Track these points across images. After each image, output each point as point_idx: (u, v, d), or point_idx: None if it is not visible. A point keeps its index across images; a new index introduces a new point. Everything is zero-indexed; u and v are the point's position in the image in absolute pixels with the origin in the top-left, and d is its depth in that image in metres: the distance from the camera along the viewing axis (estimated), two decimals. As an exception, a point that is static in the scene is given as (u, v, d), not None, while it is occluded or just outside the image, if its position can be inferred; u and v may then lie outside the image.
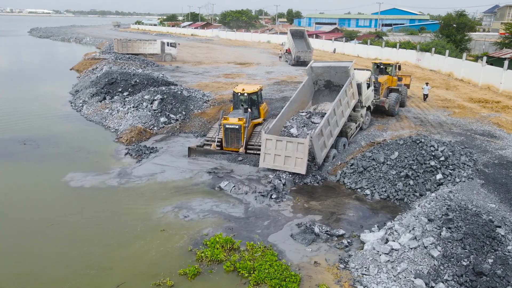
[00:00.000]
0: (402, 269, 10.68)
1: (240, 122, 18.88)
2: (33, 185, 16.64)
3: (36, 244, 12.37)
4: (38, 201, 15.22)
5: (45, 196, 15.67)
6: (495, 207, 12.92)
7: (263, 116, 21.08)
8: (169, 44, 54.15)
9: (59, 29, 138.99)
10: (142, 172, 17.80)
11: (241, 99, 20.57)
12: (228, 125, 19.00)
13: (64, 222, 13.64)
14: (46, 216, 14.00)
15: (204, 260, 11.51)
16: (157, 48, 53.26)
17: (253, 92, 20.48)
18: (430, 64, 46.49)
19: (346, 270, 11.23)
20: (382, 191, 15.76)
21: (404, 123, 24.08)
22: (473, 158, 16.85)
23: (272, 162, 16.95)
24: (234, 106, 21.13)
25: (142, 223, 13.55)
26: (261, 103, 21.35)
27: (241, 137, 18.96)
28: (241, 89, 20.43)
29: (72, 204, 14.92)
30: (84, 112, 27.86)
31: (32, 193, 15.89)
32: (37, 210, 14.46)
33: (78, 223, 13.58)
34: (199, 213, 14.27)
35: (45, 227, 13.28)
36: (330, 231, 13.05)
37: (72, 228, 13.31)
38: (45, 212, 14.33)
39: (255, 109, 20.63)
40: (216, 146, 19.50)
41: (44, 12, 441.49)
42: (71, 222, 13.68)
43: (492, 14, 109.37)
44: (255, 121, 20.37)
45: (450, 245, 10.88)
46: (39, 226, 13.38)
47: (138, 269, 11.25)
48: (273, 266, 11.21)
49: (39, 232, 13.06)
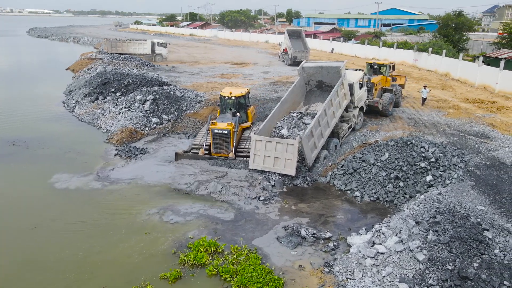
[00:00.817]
0: (387, 273, 10.49)
1: (229, 127, 18.25)
2: (18, 187, 16.42)
3: (16, 247, 12.18)
4: (21, 203, 15.00)
5: (29, 198, 15.45)
6: (484, 210, 12.72)
7: (251, 119, 20.58)
8: (160, 44, 53.30)
9: (57, 29, 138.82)
10: (128, 174, 17.54)
11: (229, 102, 19.97)
12: (217, 130, 18.31)
13: (47, 225, 13.42)
14: (28, 218, 13.80)
15: (187, 264, 11.32)
16: (148, 48, 52.44)
17: (240, 96, 19.92)
18: (427, 64, 46.29)
19: (331, 274, 11.03)
20: (371, 193, 15.57)
21: (398, 123, 23.89)
22: (465, 160, 16.66)
23: (262, 163, 16.74)
24: (221, 110, 20.43)
25: (127, 226, 13.36)
26: (249, 106, 20.85)
27: (230, 142, 18.38)
28: (229, 93, 19.81)
29: (55, 207, 14.71)
30: (77, 113, 27.68)
31: (15, 195, 15.68)
32: (20, 212, 14.25)
33: (60, 226, 13.37)
34: (185, 215, 14.06)
35: (27, 230, 13.06)
36: (317, 234, 12.86)
37: (55, 231, 13.09)
38: (27, 214, 14.11)
39: (243, 112, 20.07)
40: (204, 151, 18.78)
41: (44, 12, 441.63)
42: (54, 225, 13.47)
43: (491, 14, 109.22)
44: (243, 125, 19.84)
45: (436, 248, 10.69)
46: (21, 228, 13.17)
47: (119, 273, 11.06)
48: (256, 270, 11.01)
49: (20, 234, 12.86)
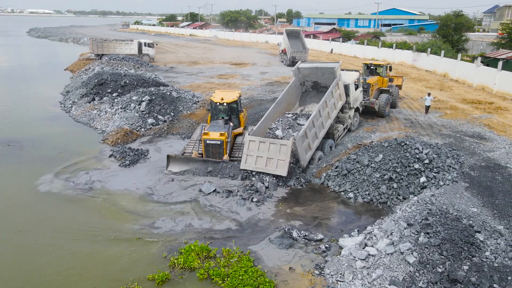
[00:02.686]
0: (377, 275, 10.43)
1: (222, 137, 17.63)
2: (6, 188, 16.28)
3: (2, 249, 12.12)
4: (8, 205, 14.83)
5: (17, 200, 15.28)
6: (476, 212, 12.65)
7: (243, 124, 19.94)
8: (147, 45, 52.24)
9: (58, 29, 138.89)
10: (122, 178, 17.29)
11: (220, 109, 19.28)
12: (210, 141, 17.72)
13: (33, 229, 13.27)
14: (15, 221, 13.67)
15: (176, 267, 11.23)
16: (134, 48, 51.38)
17: (232, 101, 19.20)
18: (426, 65, 46.18)
19: (321, 276, 10.97)
20: (365, 194, 15.50)
21: (394, 124, 23.81)
22: (460, 161, 16.57)
23: (254, 164, 16.60)
24: (212, 116, 19.66)
25: (117, 230, 13.22)
26: (241, 111, 20.12)
27: (223, 152, 17.77)
28: (220, 98, 19.07)
29: (44, 209, 14.58)
30: (73, 113, 27.65)
31: (2, 197, 15.50)
32: (6, 215, 14.12)
33: (48, 229, 13.24)
34: (176, 219, 13.97)
35: (12, 234, 12.92)
36: (309, 236, 12.80)
37: (41, 234, 12.95)
38: (14, 217, 13.98)
39: (235, 118, 19.49)
40: (197, 154, 18.34)
41: (45, 12, 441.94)
42: (41, 228, 13.32)
43: (492, 14, 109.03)
44: (235, 131, 19.19)
45: (427, 251, 10.63)
46: (6, 232, 13.06)
47: (108, 275, 11.01)
48: (248, 272, 10.95)
49: (5, 238, 12.74)
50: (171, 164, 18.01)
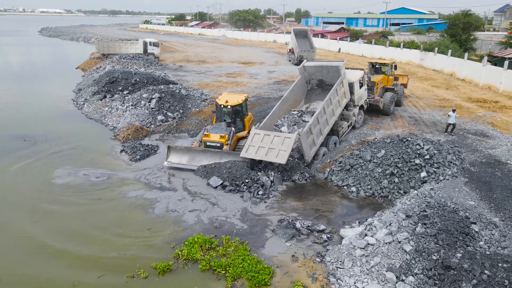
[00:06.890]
0: (375, 262, 10.95)
1: (222, 140, 17.80)
2: (21, 181, 16.96)
3: (19, 238, 12.82)
4: (24, 197, 15.50)
5: (31, 192, 15.92)
6: (473, 205, 13.09)
7: (247, 128, 19.68)
8: (152, 44, 52.77)
9: (68, 29, 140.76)
10: (134, 172, 17.98)
11: (224, 111, 19.24)
12: (209, 143, 18.03)
13: (47, 220, 13.94)
14: (31, 211, 14.40)
15: (180, 258, 11.77)
16: (140, 48, 51.87)
17: (237, 104, 19.08)
18: (433, 64, 46.37)
19: (322, 263, 11.51)
20: (367, 189, 16.00)
21: (398, 122, 24.22)
22: (461, 157, 16.98)
23: (254, 153, 16.58)
24: (217, 118, 19.74)
25: (129, 222, 13.89)
26: (246, 114, 19.96)
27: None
28: (225, 101, 19.02)
29: (58, 201, 15.26)
30: (85, 110, 28.46)
31: (19, 189, 16.19)
32: (22, 206, 14.82)
33: (62, 220, 13.94)
34: (185, 210, 14.60)
35: (29, 223, 13.63)
36: (311, 227, 13.35)
37: (55, 224, 13.65)
38: (29, 208, 14.70)
39: (239, 121, 19.43)
40: (197, 144, 18.73)
41: (55, 12, 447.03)
42: (55, 218, 14.04)
43: (502, 14, 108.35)
44: (239, 134, 19.13)
45: (423, 240, 11.12)
46: (23, 221, 13.75)
47: (118, 262, 11.66)
48: (246, 260, 11.48)
49: (23, 226, 13.45)
50: (171, 155, 18.34)
